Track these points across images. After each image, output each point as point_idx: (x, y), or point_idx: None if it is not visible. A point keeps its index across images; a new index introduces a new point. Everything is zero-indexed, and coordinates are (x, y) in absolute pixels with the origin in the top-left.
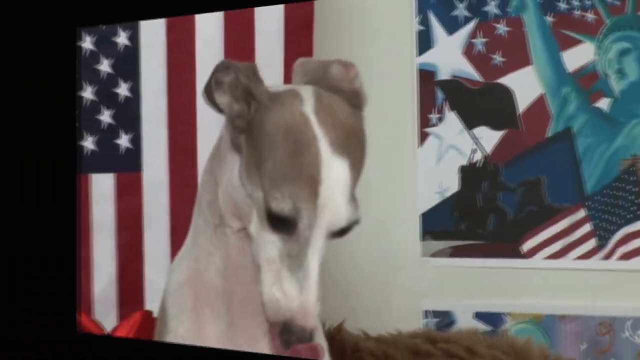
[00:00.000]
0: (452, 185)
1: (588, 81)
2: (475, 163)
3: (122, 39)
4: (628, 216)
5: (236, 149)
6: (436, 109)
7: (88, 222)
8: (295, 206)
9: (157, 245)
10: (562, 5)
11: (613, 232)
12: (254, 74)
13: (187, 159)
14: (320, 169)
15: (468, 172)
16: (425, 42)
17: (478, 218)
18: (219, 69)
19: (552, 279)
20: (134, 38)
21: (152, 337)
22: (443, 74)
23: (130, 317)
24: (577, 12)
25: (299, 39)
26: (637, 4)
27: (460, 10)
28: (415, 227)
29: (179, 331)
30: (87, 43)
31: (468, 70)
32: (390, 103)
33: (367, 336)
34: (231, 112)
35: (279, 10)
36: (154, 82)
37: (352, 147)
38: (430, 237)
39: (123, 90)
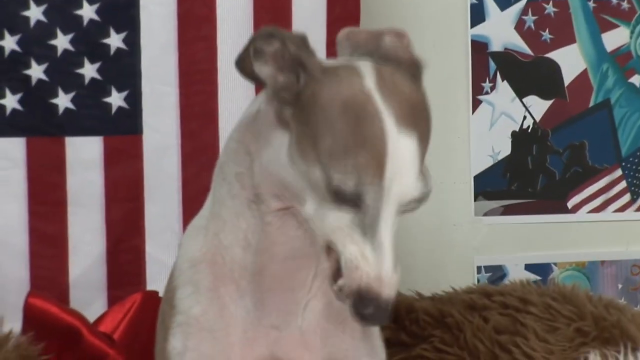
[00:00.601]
0: (504, 149)
1: (623, 60)
2: (526, 129)
3: None
4: None
5: (282, 124)
6: (489, 79)
7: (61, 193)
8: (361, 180)
9: (161, 218)
10: None
11: None
12: (304, 44)
13: (204, 122)
14: (386, 142)
15: (519, 137)
16: (478, 15)
17: (528, 178)
18: (259, 37)
19: (593, 230)
20: None
21: (155, 320)
22: (495, 46)
23: (125, 300)
24: (614, 0)
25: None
26: None
27: None
28: (469, 188)
29: (193, 312)
30: None
31: (519, 44)
32: (445, 72)
33: (421, 296)
34: (275, 84)
35: None
36: (158, 35)
37: (418, 121)
38: (483, 197)
39: (114, 40)
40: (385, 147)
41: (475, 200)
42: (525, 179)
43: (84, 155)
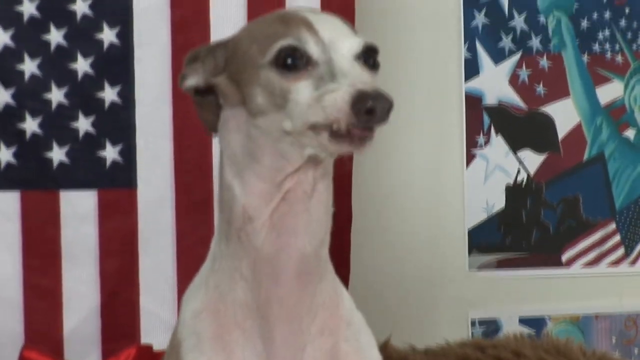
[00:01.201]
0: (498, 202)
1: (617, 113)
2: (520, 182)
3: (107, 34)
4: None
5: (230, 98)
6: (483, 132)
7: (55, 246)
8: (299, 37)
9: (156, 270)
10: (597, 48)
11: (638, 242)
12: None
13: (198, 176)
14: (308, 16)
15: (513, 191)
16: (472, 68)
17: (522, 232)
18: (184, 67)
19: (587, 284)
20: (124, 35)
21: None
22: (489, 100)
23: (120, 353)
24: (608, 55)
25: None
26: None
27: (506, 43)
28: (463, 242)
29: None
30: (56, 35)
31: (513, 97)
32: (439, 125)
33: (415, 350)
34: (205, 74)
35: None
36: (152, 88)
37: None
38: (477, 251)
39: (109, 94)
40: (307, 18)
41: (469, 253)
42: (519, 233)
43: (79, 209)
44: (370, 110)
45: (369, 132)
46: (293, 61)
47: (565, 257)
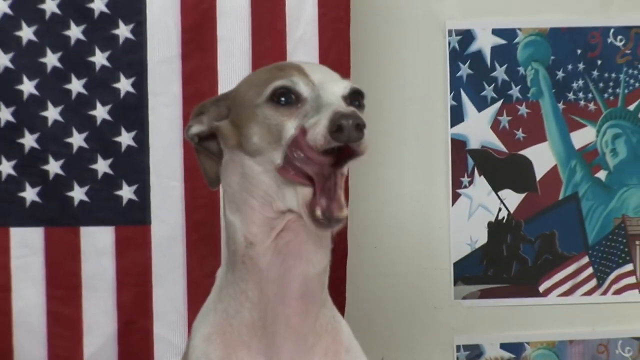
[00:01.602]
0: (481, 238)
1: (590, 156)
2: (501, 219)
3: (124, 84)
4: (619, 261)
5: (229, 141)
6: (467, 173)
7: (76, 279)
8: (291, 79)
9: (169, 301)
10: (571, 96)
11: (608, 274)
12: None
13: (207, 214)
14: (300, 64)
15: (495, 227)
16: (457, 115)
17: (503, 265)
18: (191, 119)
19: (562, 312)
20: (139, 84)
21: None
22: (473, 144)
23: None
24: (582, 103)
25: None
26: (625, 99)
27: (489, 92)
28: (449, 273)
29: None
30: (77, 85)
31: (495, 142)
32: (426, 167)
33: None
34: (209, 122)
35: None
36: (165, 134)
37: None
38: (461, 282)
39: (125, 139)
40: (301, 65)
41: (454, 284)
42: (500, 266)
43: (98, 244)
44: (339, 127)
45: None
46: (286, 98)
47: (542, 288)
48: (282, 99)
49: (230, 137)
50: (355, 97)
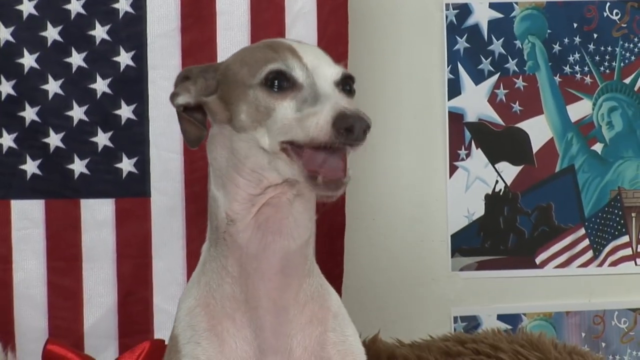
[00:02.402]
0: (478, 210)
1: (586, 129)
2: (498, 192)
3: (124, 57)
4: (615, 233)
5: (218, 115)
6: (464, 146)
7: (76, 250)
8: (286, 63)
9: (168, 272)
10: (568, 70)
11: (605, 245)
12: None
13: (206, 185)
14: (293, 45)
15: (492, 200)
16: (454, 88)
17: (500, 237)
18: (175, 85)
19: (559, 284)
20: (139, 58)
21: None
22: (470, 117)
23: (135, 347)
24: (578, 76)
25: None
26: (621, 72)
27: (486, 65)
28: (446, 246)
29: (196, 353)
30: (77, 58)
31: (492, 115)
32: (424, 140)
33: (402, 343)
34: (196, 93)
35: None
36: (164, 107)
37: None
38: (459, 254)
39: (125, 112)
40: (293, 46)
41: (452, 256)
42: (497, 238)
43: (98, 216)
44: (349, 128)
45: (349, 147)
46: (280, 83)
47: (539, 260)
48: (276, 82)
49: (218, 112)
50: (346, 82)
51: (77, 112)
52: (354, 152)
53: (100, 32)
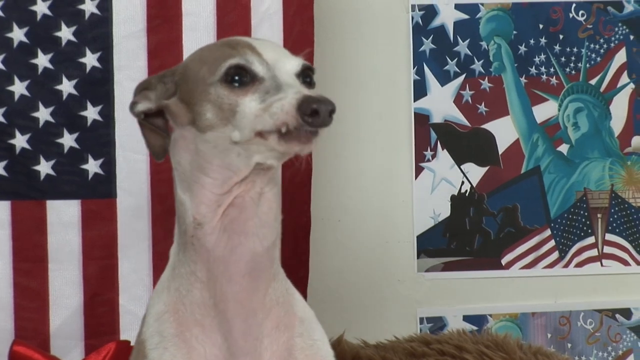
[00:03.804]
0: (444, 211)
1: (552, 130)
2: (464, 193)
3: (90, 59)
4: (581, 234)
5: (180, 118)
6: (430, 147)
7: (42, 251)
8: (246, 58)
9: (134, 273)
10: (533, 71)
11: (570, 247)
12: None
13: (172, 186)
14: (250, 41)
15: (457, 200)
16: (420, 89)
17: (466, 238)
18: (134, 95)
19: (525, 285)
20: (105, 59)
21: None
22: (436, 118)
23: (101, 348)
24: (544, 77)
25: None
26: (587, 74)
27: (451, 66)
28: (412, 246)
29: (163, 358)
30: (43, 60)
31: (458, 116)
32: (390, 141)
33: (367, 344)
34: (156, 98)
35: None
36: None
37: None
38: (425, 255)
39: (91, 113)
40: (251, 43)
41: (417, 257)
42: (463, 239)
43: (64, 217)
44: (314, 111)
45: (314, 135)
46: (240, 77)
47: (504, 261)
48: (236, 77)
49: (180, 114)
50: (306, 74)
51: (43, 114)
52: (321, 136)
53: (66, 34)
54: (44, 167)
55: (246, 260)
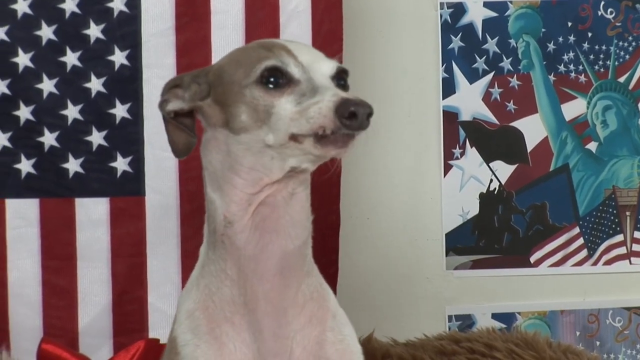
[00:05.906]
0: (473, 209)
1: (581, 128)
2: (493, 191)
3: (118, 57)
4: (610, 232)
5: (213, 119)
6: (459, 145)
7: (71, 249)
8: (282, 60)
9: (162, 271)
10: (562, 68)
11: (599, 244)
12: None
13: (201, 184)
14: (286, 43)
15: (486, 198)
16: (449, 87)
17: (494, 236)
18: (163, 92)
19: (553, 283)
20: (133, 57)
21: None
22: (465, 116)
23: (130, 346)
24: (573, 75)
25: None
26: (616, 71)
27: (480, 64)
28: (440, 244)
29: (195, 354)
30: (72, 57)
31: (486, 114)
32: (419, 139)
33: (396, 343)
34: (192, 98)
35: None
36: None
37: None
38: (453, 252)
39: (120, 111)
40: (286, 45)
41: (446, 255)
42: (491, 236)
43: (92, 215)
44: (352, 114)
45: (351, 138)
46: (276, 79)
47: (533, 258)
48: (272, 79)
49: (213, 115)
50: (340, 76)
51: (72, 111)
52: (358, 139)
53: (94, 31)
54: (73, 165)
55: (277, 259)
